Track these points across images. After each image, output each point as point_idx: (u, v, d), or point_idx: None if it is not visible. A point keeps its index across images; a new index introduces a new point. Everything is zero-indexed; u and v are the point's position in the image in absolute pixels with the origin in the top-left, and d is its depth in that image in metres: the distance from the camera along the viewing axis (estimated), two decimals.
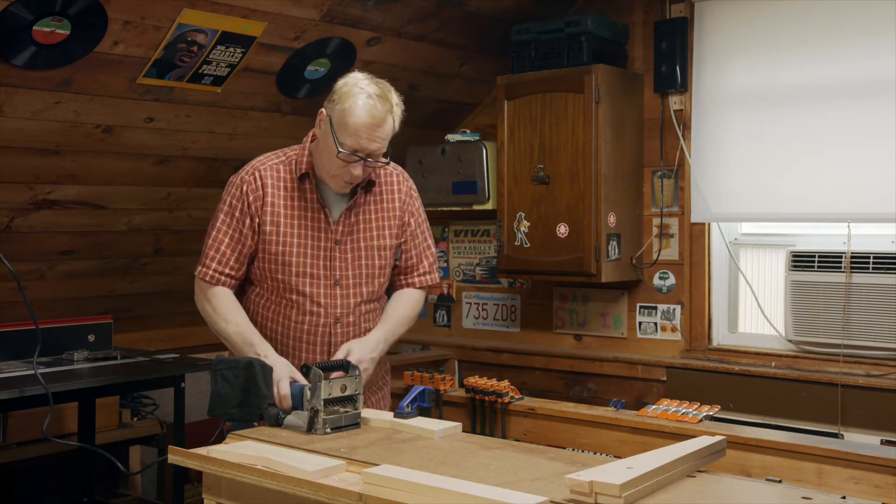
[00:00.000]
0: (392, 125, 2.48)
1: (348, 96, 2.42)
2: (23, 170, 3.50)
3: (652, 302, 4.32)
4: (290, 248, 2.56)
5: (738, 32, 4.02)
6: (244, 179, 2.58)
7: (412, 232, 2.71)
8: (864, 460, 2.93)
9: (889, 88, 3.63)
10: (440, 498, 1.75)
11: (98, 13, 3.06)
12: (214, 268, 2.58)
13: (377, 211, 2.64)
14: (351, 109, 2.41)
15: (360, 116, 2.40)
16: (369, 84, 2.45)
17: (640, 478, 1.77)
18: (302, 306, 2.57)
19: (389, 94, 2.47)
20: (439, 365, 4.76)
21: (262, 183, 2.56)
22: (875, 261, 3.72)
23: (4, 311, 3.76)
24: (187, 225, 4.21)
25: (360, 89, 2.42)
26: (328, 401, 2.30)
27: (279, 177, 2.58)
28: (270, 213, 2.55)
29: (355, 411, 2.36)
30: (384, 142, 2.48)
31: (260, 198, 2.55)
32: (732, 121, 4.05)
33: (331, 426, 2.31)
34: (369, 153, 2.45)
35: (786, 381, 3.87)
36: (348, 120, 2.41)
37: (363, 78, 2.47)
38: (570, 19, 4.15)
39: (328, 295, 2.58)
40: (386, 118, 2.45)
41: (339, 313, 2.59)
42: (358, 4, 3.64)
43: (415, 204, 2.73)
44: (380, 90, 2.45)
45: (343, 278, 2.59)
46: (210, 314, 2.60)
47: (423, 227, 2.76)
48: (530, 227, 4.23)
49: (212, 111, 3.76)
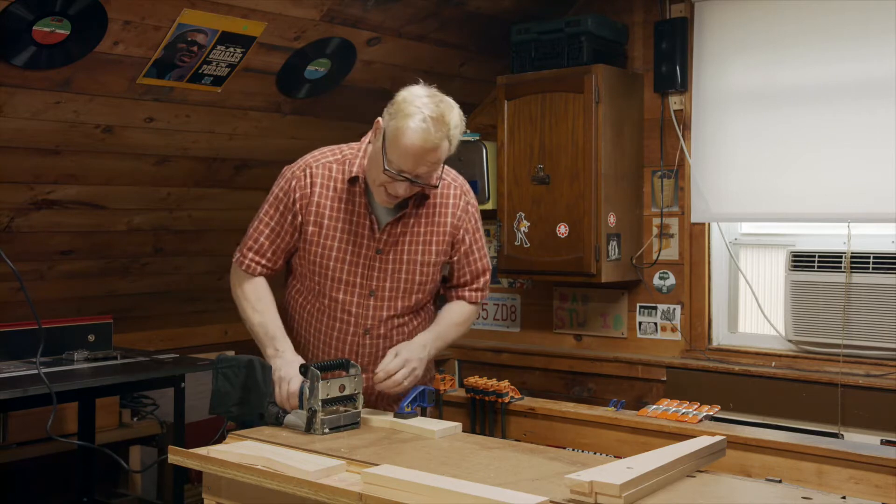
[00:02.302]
0: (447, 149, 2.36)
1: (405, 115, 2.30)
2: (23, 170, 3.50)
3: (652, 302, 4.32)
4: (330, 252, 2.49)
5: (738, 32, 4.02)
6: (295, 174, 2.51)
7: (466, 250, 2.62)
8: (864, 460, 2.92)
9: (889, 88, 3.64)
10: (440, 498, 1.75)
11: (98, 13, 3.06)
12: (251, 257, 2.55)
13: (427, 224, 2.54)
14: (404, 129, 2.29)
15: (412, 140, 2.29)
16: (429, 103, 2.32)
17: (640, 478, 1.77)
18: (333, 312, 2.52)
19: (448, 115, 2.34)
20: (439, 365, 4.76)
21: (312, 181, 2.49)
22: (875, 261, 3.72)
23: (5, 310, 3.76)
24: (187, 225, 4.20)
25: (418, 108, 2.30)
26: (326, 401, 2.29)
27: (331, 176, 2.49)
28: (315, 213, 2.48)
29: (354, 411, 2.36)
30: (434, 166, 2.37)
31: (307, 195, 2.49)
32: (732, 121, 4.05)
33: (329, 426, 2.30)
34: (416, 175, 2.35)
35: (786, 381, 3.87)
36: (400, 140, 2.30)
37: (424, 95, 2.34)
38: (570, 19, 4.15)
39: (361, 305, 2.52)
40: (439, 145, 2.32)
41: (369, 325, 2.53)
42: (358, 4, 3.63)
43: (471, 221, 2.61)
44: (438, 112, 2.31)
45: (379, 290, 2.52)
46: (240, 300, 2.57)
47: (480, 243, 2.66)
48: (530, 227, 4.23)
49: (212, 111, 3.76)
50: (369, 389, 2.53)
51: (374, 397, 2.60)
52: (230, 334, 4.74)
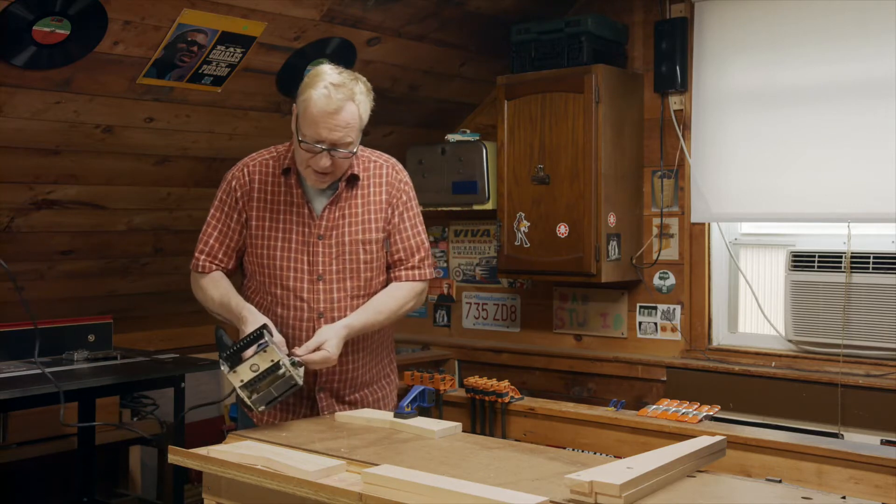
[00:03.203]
0: (354, 113, 2.45)
1: (308, 87, 2.43)
2: (23, 170, 3.50)
3: (652, 302, 4.32)
4: (274, 243, 2.58)
5: (738, 32, 4.02)
6: (234, 175, 2.63)
7: (396, 225, 2.65)
8: (864, 460, 2.92)
9: (889, 88, 3.63)
10: (440, 498, 1.75)
11: (98, 13, 3.06)
12: (203, 259, 2.66)
13: (363, 205, 2.61)
14: (309, 99, 2.42)
15: (317, 105, 2.41)
16: (331, 73, 2.44)
17: (640, 478, 1.77)
18: (286, 301, 2.59)
19: (352, 83, 2.45)
20: (439, 365, 4.76)
21: (250, 178, 2.60)
22: (875, 261, 3.72)
23: (5, 310, 3.76)
24: (187, 225, 4.20)
25: (321, 79, 2.42)
26: (246, 385, 2.32)
27: (267, 172, 2.61)
28: (256, 209, 2.59)
29: (282, 378, 2.34)
30: (346, 131, 2.44)
31: (247, 193, 2.60)
32: (732, 121, 4.05)
33: (263, 403, 2.34)
34: (332, 143, 2.44)
35: (786, 381, 3.87)
36: (307, 110, 2.42)
37: (328, 69, 2.47)
38: (570, 19, 4.15)
39: (311, 290, 2.58)
40: (343, 106, 2.42)
41: (322, 308, 2.58)
42: (358, 4, 3.64)
43: (402, 197, 2.66)
44: (340, 80, 2.43)
45: (326, 273, 2.58)
46: (201, 297, 2.69)
47: (415, 220, 2.69)
48: (530, 227, 4.23)
49: (212, 111, 3.76)
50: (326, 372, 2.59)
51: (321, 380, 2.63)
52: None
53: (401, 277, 2.69)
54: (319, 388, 2.63)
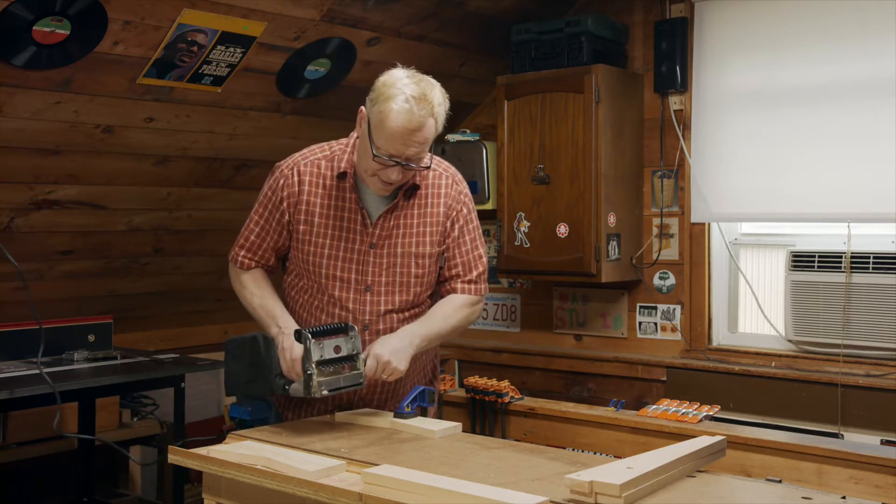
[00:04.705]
0: (433, 128, 2.33)
1: (386, 98, 2.28)
2: (23, 170, 3.50)
3: (652, 302, 4.32)
4: (322, 250, 2.47)
5: (738, 32, 4.02)
6: (283, 172, 2.50)
7: (456, 239, 2.54)
8: (864, 460, 2.93)
9: (889, 88, 3.63)
10: (440, 498, 1.75)
11: (98, 13, 3.06)
12: (242, 254, 2.58)
13: (420, 216, 2.50)
14: (388, 112, 2.27)
15: (397, 121, 2.27)
16: (409, 83, 2.30)
17: (640, 478, 1.77)
18: (330, 309, 2.50)
19: (431, 93, 2.32)
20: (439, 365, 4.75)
21: (300, 179, 2.47)
22: (875, 261, 3.72)
23: (5, 310, 3.76)
24: (187, 225, 4.20)
25: (399, 90, 2.28)
26: (321, 362, 2.26)
27: (319, 173, 2.48)
28: (305, 212, 2.47)
29: (355, 371, 2.31)
30: (423, 146, 2.34)
31: (295, 194, 2.47)
32: (732, 121, 4.05)
33: (327, 388, 2.26)
34: (407, 158, 2.32)
35: (786, 381, 3.87)
36: (385, 123, 2.28)
37: (404, 76, 2.33)
38: (570, 19, 4.15)
39: (358, 301, 2.48)
40: (424, 123, 2.29)
41: (367, 320, 2.49)
42: (358, 4, 3.64)
43: (462, 210, 2.55)
44: (420, 91, 2.29)
45: (375, 284, 2.48)
46: (240, 290, 2.61)
47: (474, 234, 2.58)
48: (530, 227, 4.23)
49: (212, 111, 3.76)
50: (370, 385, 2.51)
51: (376, 393, 2.58)
52: (230, 334, 4.72)
53: (457, 290, 2.56)
54: (360, 398, 2.55)
